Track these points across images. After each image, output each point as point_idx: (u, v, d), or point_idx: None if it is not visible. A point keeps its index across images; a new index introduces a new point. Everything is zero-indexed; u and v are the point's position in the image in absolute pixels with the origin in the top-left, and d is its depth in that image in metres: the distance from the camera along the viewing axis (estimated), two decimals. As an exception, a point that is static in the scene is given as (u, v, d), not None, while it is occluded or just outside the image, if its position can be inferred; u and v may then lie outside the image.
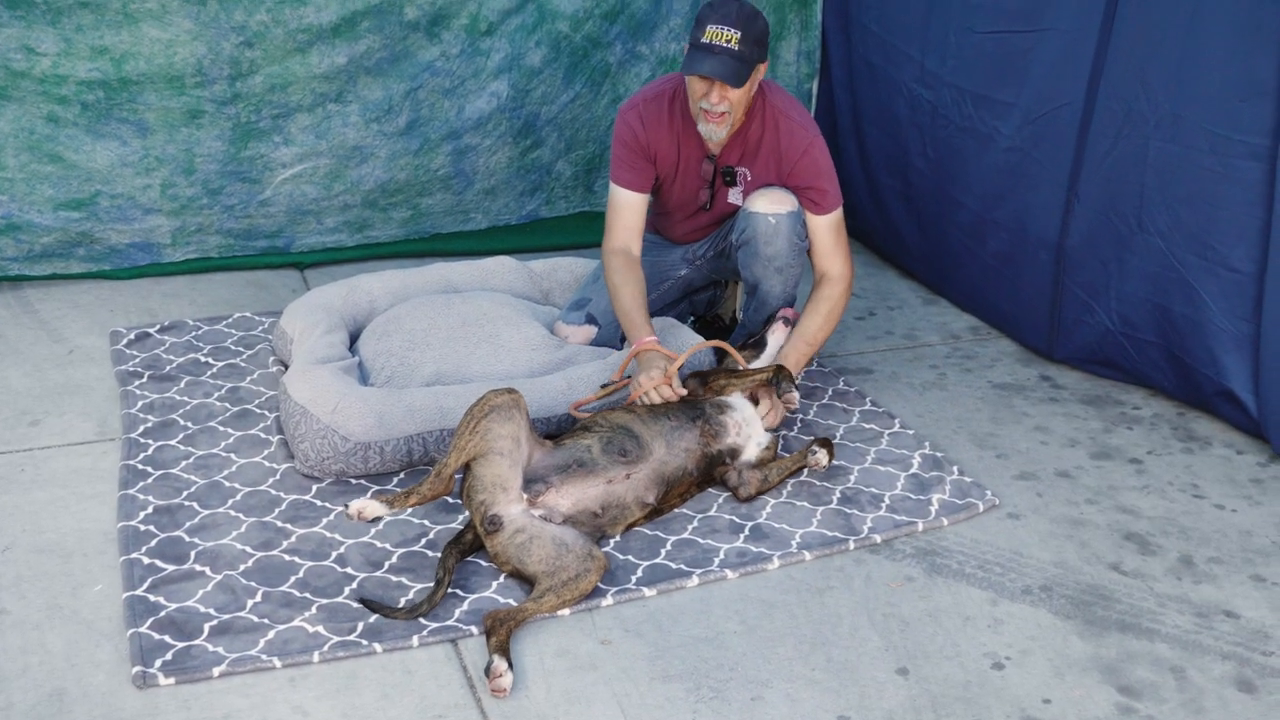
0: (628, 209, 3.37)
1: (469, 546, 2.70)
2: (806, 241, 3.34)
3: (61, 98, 3.93)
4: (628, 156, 3.33)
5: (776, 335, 3.33)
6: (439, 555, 2.66)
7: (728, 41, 3.07)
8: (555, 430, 3.16)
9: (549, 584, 2.55)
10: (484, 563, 2.72)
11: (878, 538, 2.87)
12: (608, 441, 2.84)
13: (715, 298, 3.83)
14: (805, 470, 3.11)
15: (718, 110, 3.15)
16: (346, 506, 2.59)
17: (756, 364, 3.28)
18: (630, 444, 2.85)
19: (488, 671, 2.35)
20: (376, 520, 2.78)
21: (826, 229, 3.34)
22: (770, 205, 3.28)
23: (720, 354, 3.35)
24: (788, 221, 3.27)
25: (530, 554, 2.59)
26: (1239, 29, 3.08)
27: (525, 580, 2.63)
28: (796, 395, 3.14)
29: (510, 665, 2.36)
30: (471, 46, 4.41)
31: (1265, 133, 3.09)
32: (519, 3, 4.43)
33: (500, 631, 2.41)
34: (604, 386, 3.17)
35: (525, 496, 2.67)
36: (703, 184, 3.39)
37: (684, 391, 3.08)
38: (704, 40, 3.08)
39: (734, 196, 3.39)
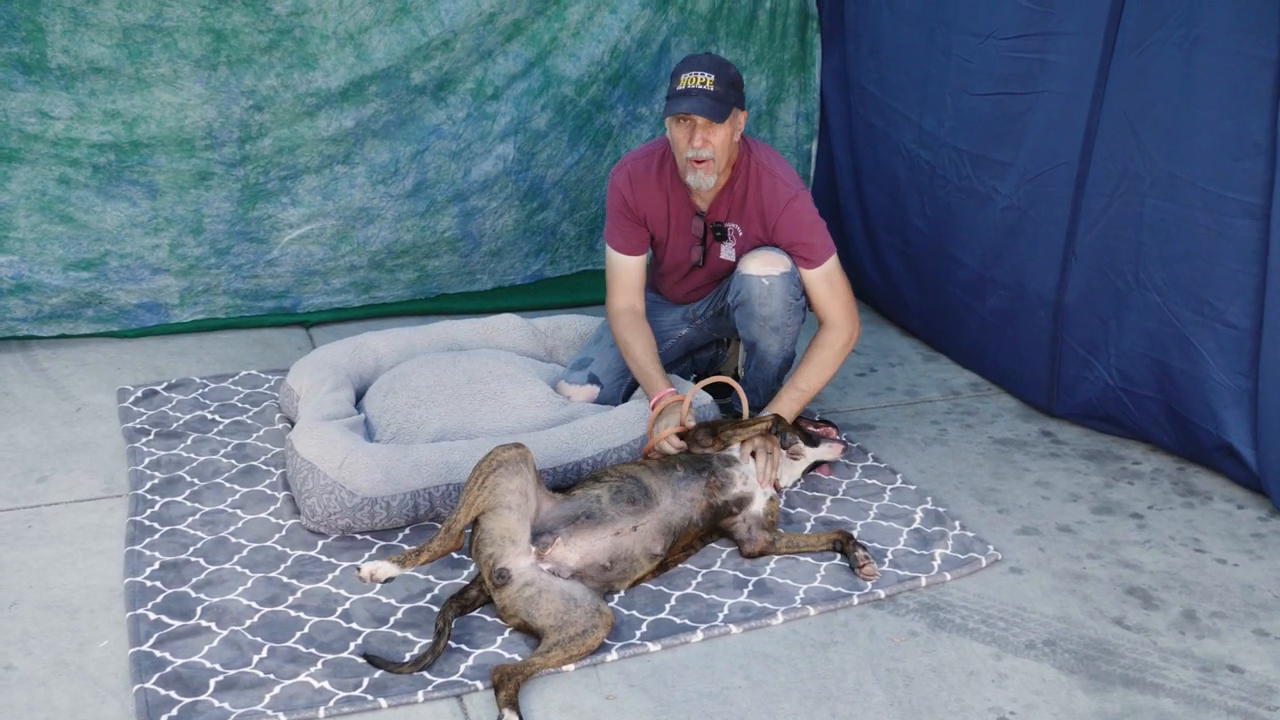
0: (625, 271, 3.44)
1: (471, 602, 2.71)
2: (803, 299, 3.39)
3: (73, 160, 4.00)
4: (619, 221, 3.41)
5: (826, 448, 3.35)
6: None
7: (703, 84, 3.16)
8: (561, 480, 3.19)
9: (556, 638, 2.55)
10: (489, 618, 2.73)
11: (881, 593, 2.87)
12: (616, 491, 2.86)
13: (717, 356, 3.86)
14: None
15: (702, 155, 3.20)
16: (359, 569, 2.59)
17: (802, 461, 3.32)
18: (638, 493, 2.88)
19: None
20: (389, 580, 2.77)
21: (820, 280, 3.37)
22: (763, 267, 3.31)
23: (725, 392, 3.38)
24: (781, 283, 3.31)
25: (538, 608, 2.60)
26: (1231, 89, 3.14)
27: (532, 634, 2.64)
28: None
29: (521, 719, 2.36)
30: (478, 110, 4.48)
31: (1259, 191, 3.13)
32: (525, 68, 4.51)
33: (509, 686, 2.42)
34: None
35: (533, 550, 2.69)
36: (694, 240, 3.45)
37: (692, 425, 3.15)
38: (679, 88, 3.18)
39: (726, 252, 3.44)
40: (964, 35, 3.95)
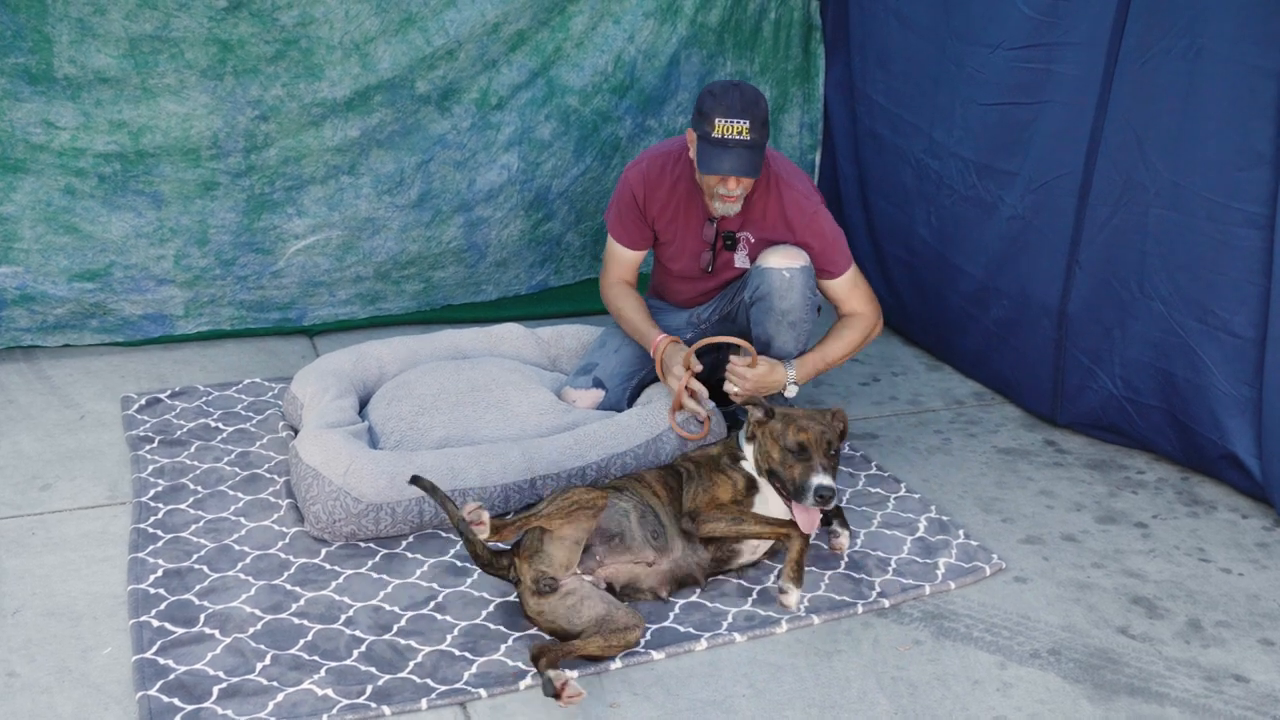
0: (622, 256, 3.53)
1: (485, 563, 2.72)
2: (818, 298, 3.40)
3: (79, 170, 4.01)
4: (625, 216, 3.45)
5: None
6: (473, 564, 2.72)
7: (740, 134, 3.12)
8: (565, 483, 3.21)
9: (598, 630, 2.59)
10: (492, 625, 2.72)
11: (885, 602, 2.87)
12: (642, 515, 2.86)
13: (719, 362, 3.86)
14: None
15: (734, 194, 3.24)
16: (467, 506, 2.60)
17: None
18: (659, 527, 2.88)
19: (550, 688, 2.38)
20: (472, 540, 2.67)
21: (841, 286, 3.44)
22: (784, 260, 3.33)
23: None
24: (801, 276, 3.32)
25: (580, 614, 2.62)
26: (1235, 99, 3.14)
27: (563, 638, 2.63)
28: (846, 539, 3.06)
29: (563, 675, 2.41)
30: (482, 120, 4.49)
31: (1263, 201, 3.14)
32: (529, 77, 4.52)
33: (549, 655, 2.46)
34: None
35: (578, 570, 2.70)
36: (704, 246, 3.46)
37: (699, 368, 3.27)
38: (715, 135, 3.13)
39: (740, 260, 3.45)
40: (974, 46, 3.95)
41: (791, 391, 3.35)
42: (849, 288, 3.44)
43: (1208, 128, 3.23)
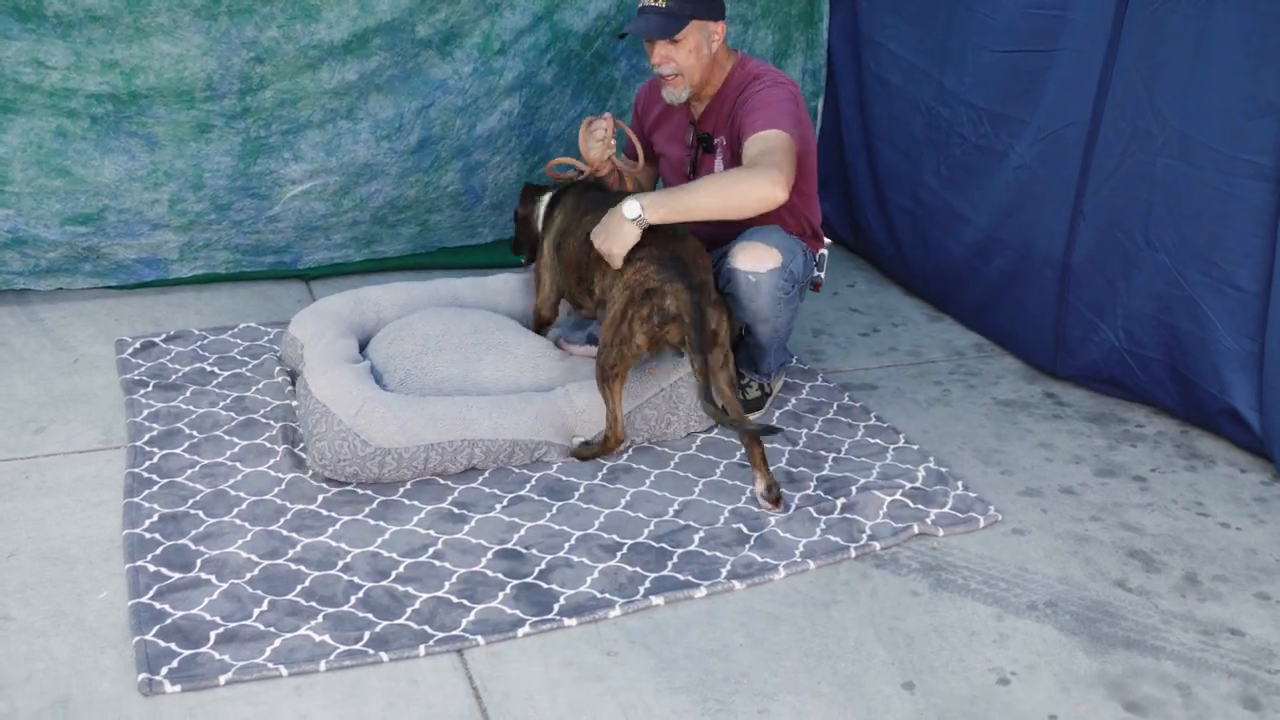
0: None
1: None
2: (794, 290, 3.36)
3: (70, 111, 3.94)
4: (629, 126, 3.70)
5: None
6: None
7: (655, 1, 3.27)
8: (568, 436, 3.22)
9: None
10: (490, 573, 2.72)
11: (876, 545, 2.88)
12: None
13: None
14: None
15: (665, 71, 3.33)
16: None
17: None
18: None
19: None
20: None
21: (753, 143, 3.14)
22: (752, 262, 3.24)
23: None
24: (769, 280, 3.25)
25: None
26: (1246, 48, 3.10)
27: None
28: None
29: None
30: (484, 65, 4.42)
31: (1271, 152, 3.10)
32: (532, 22, 4.44)
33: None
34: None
35: None
36: (687, 151, 3.53)
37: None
38: (640, 5, 3.32)
39: (718, 166, 3.47)
40: (990, -10, 3.89)
41: (631, 210, 3.04)
42: (758, 148, 3.11)
43: (1217, 76, 3.18)
